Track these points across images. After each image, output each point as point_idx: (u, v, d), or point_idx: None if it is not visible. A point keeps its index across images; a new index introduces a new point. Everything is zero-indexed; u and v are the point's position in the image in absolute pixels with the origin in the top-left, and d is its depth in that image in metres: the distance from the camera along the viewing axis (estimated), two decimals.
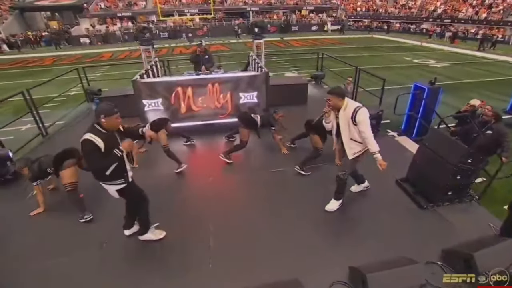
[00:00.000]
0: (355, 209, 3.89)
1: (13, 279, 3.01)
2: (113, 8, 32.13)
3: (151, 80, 5.86)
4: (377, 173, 4.28)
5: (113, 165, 2.78)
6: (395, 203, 3.94)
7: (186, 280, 2.98)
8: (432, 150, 3.82)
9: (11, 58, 23.91)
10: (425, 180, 3.88)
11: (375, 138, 3.31)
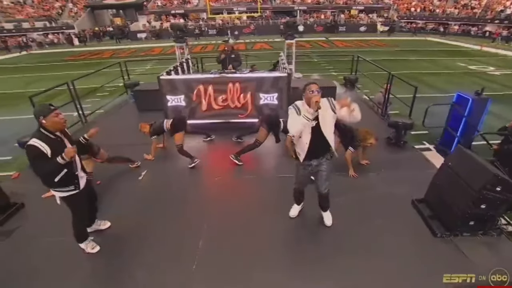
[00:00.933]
0: (361, 226, 3.49)
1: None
2: (168, 6, 33.54)
3: (174, 77, 5.90)
4: (392, 190, 3.82)
5: (62, 171, 2.59)
6: (406, 225, 3.46)
7: (166, 277, 2.91)
8: (454, 172, 3.28)
9: (79, 51, 26.15)
10: (444, 204, 3.34)
11: (399, 152, 2.97)
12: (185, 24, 9.63)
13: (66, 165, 2.59)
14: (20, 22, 31.99)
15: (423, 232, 3.34)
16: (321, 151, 3.02)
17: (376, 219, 3.58)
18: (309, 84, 2.82)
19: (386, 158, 4.91)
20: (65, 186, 2.74)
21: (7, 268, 3.07)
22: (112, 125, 6.63)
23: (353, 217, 3.63)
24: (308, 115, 2.74)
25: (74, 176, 2.77)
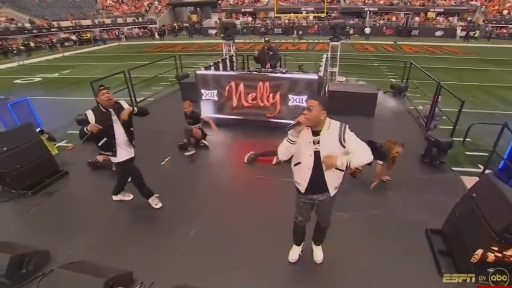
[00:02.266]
0: (361, 248, 3.13)
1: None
2: (239, 4, 34.39)
3: (208, 73, 5.99)
4: (408, 215, 3.45)
5: (101, 139, 3.21)
6: (411, 257, 2.98)
7: (148, 260, 3.03)
8: (477, 205, 2.70)
9: (156, 43, 28.54)
10: (460, 240, 2.79)
11: (431, 172, 2.56)
12: (232, 21, 9.43)
13: (107, 136, 3.22)
14: (116, 18, 36.07)
15: (428, 268, 2.84)
16: (323, 185, 2.42)
17: (380, 244, 3.17)
18: (310, 99, 2.37)
19: (412, 177, 4.32)
20: (104, 151, 3.39)
21: (45, 218, 3.81)
22: (156, 112, 7.05)
23: (355, 237, 3.28)
24: (292, 138, 2.21)
25: (112, 145, 3.30)
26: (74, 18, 33.41)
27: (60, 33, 30.98)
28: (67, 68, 18.49)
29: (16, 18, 29.81)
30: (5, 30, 27.25)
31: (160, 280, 2.78)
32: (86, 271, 2.57)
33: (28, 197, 4.17)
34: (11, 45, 24.21)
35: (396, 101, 7.44)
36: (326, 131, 2.26)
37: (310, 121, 2.17)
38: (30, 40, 27.26)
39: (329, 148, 2.26)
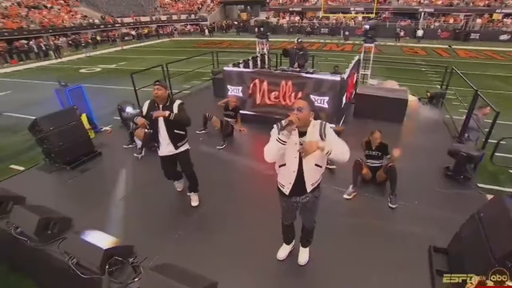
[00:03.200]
0: (352, 256, 3.02)
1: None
2: (288, 3, 34.12)
3: (234, 69, 6.13)
4: (414, 229, 3.30)
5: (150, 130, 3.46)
6: (404, 273, 2.79)
7: (147, 237, 3.30)
8: (482, 226, 2.46)
9: (205, 40, 29.63)
10: (460, 263, 2.56)
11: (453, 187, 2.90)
12: (267, 21, 9.31)
13: (152, 128, 3.36)
14: (172, 15, 38.07)
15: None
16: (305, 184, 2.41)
17: (375, 254, 3.03)
18: (298, 99, 2.36)
19: (429, 190, 4.00)
20: (153, 141, 3.73)
21: (76, 190, 4.35)
22: (189, 104, 7.40)
23: (350, 244, 3.18)
24: (283, 138, 2.15)
25: (156, 138, 3.42)
26: (135, 15, 36.00)
27: (122, 28, 33.59)
28: (124, 60, 20.07)
29: (89, 15, 32.96)
30: (79, 25, 30.31)
31: (155, 258, 2.99)
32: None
33: (66, 171, 4.71)
34: (82, 38, 26.89)
35: (431, 108, 6.90)
36: (311, 129, 2.26)
37: (300, 121, 2.16)
38: (98, 35, 30.04)
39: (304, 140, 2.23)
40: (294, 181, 2.37)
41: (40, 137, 4.63)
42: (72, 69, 17.92)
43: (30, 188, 4.23)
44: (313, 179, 2.41)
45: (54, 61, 21.33)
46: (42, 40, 24.25)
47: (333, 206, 3.73)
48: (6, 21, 26.00)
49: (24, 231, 3.28)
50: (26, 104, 10.01)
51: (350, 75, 5.98)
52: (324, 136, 2.24)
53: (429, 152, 5.02)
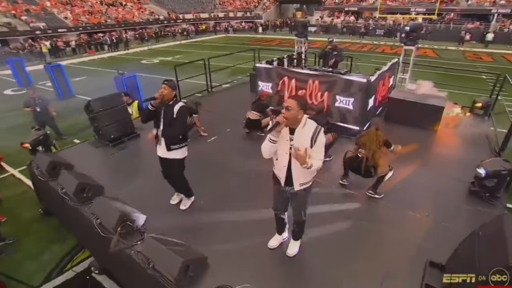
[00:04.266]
0: (339, 257, 3.00)
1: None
2: (344, 2, 32.85)
3: (264, 66, 6.24)
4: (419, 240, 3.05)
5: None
6: (388, 282, 2.69)
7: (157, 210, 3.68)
8: (478, 245, 2.29)
9: (257, 37, 30.05)
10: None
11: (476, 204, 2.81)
12: (305, 21, 9.01)
13: (156, 123, 3.25)
14: (229, 12, 39.24)
15: None
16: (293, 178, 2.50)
17: (365, 258, 2.97)
18: (289, 98, 2.32)
19: (447, 204, 3.71)
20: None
21: (114, 164, 4.94)
22: (224, 97, 7.77)
23: (343, 244, 3.14)
24: (273, 137, 2.28)
25: (157, 135, 3.29)
26: (195, 12, 37.88)
27: (183, 24, 35.63)
28: (180, 53, 21.40)
29: (156, 11, 35.59)
30: (146, 21, 32.96)
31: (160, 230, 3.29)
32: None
33: (109, 147, 5.35)
34: (147, 33, 29.26)
35: (475, 119, 6.24)
36: (300, 130, 2.31)
37: (288, 120, 2.23)
38: (161, 29, 32.36)
39: (300, 144, 2.30)
40: (285, 174, 2.48)
41: (92, 117, 5.32)
42: (135, 60, 19.67)
43: (79, 158, 4.92)
44: (302, 179, 2.47)
45: (122, 52, 23.60)
46: (114, 33, 26.89)
47: (337, 205, 3.72)
48: (89, 17, 29.39)
49: (67, 192, 3.87)
50: (95, 89, 11.33)
51: (382, 78, 5.70)
52: (314, 142, 2.30)
53: (460, 165, 4.60)
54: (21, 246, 4.41)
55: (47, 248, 4.34)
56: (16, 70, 13.37)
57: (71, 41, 24.01)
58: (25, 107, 6.81)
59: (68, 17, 27.74)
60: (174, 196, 3.92)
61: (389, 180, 3.85)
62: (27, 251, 4.32)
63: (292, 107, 2.22)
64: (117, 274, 3.54)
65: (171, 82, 3.18)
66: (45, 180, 4.27)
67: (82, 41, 24.37)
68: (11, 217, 4.97)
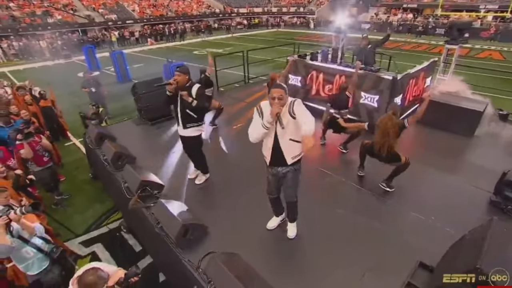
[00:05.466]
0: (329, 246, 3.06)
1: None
2: None
3: (295, 59, 6.25)
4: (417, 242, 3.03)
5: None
6: (369, 275, 2.69)
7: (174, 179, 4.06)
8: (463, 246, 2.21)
9: (307, 33, 29.53)
10: None
11: (507, 220, 2.74)
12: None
13: (174, 106, 3.49)
14: (282, 7, 38.97)
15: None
16: (283, 158, 2.57)
17: (352, 249, 2.98)
18: (273, 88, 2.35)
19: (459, 211, 3.45)
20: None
21: (151, 141, 5.47)
22: (258, 89, 7.96)
23: (336, 235, 3.16)
24: (267, 124, 2.36)
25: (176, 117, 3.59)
26: (250, 6, 38.35)
27: (237, 17, 36.37)
28: (230, 46, 22.05)
29: (212, 5, 36.87)
30: (202, 14, 34.38)
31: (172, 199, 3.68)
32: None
33: (148, 125, 5.95)
34: (202, 25, 30.58)
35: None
36: (285, 109, 2.39)
37: (283, 107, 2.35)
38: (217, 22, 33.52)
39: (287, 126, 2.37)
40: (271, 154, 2.57)
41: (136, 98, 5.94)
42: (188, 50, 20.81)
43: (122, 132, 5.59)
44: (293, 153, 2.55)
45: (178, 43, 25.09)
46: (173, 25, 28.59)
47: (337, 198, 3.75)
48: (153, 9, 31.62)
49: (107, 159, 4.47)
50: (148, 75, 12.36)
51: (414, 77, 5.36)
52: (293, 113, 2.37)
53: (489, 175, 4.15)
54: (73, 202, 5.21)
55: (91, 207, 5.07)
56: (88, 56, 15.14)
57: (135, 32, 26.19)
58: (83, 87, 7.79)
59: (135, 10, 30.19)
60: (192, 171, 4.28)
61: (403, 179, 3.74)
62: (77, 206, 5.10)
63: (283, 96, 2.32)
64: (137, 232, 4.04)
65: (183, 68, 3.39)
66: (93, 148, 4.96)
67: (144, 31, 26.44)
68: (69, 178, 5.87)
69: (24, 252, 2.68)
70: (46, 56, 19.78)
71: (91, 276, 1.96)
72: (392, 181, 3.76)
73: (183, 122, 3.52)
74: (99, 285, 1.97)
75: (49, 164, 4.80)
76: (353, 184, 4.01)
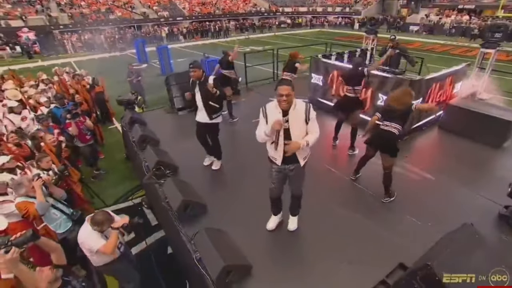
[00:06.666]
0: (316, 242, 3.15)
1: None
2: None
3: (319, 59, 6.23)
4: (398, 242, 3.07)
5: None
6: (343, 266, 2.75)
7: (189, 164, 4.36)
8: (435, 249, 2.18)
9: (349, 33, 28.49)
10: None
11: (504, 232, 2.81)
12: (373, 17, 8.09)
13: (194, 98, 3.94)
14: (327, 7, 38.01)
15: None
16: (294, 156, 2.60)
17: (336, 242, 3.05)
18: (280, 85, 2.36)
19: (463, 220, 3.26)
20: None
21: (176, 127, 5.95)
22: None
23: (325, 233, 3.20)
24: (269, 133, 2.44)
25: (196, 107, 4.01)
26: (295, 6, 38.03)
27: (281, 16, 36.34)
28: (271, 44, 22.20)
29: (258, 4, 37.27)
30: (248, 12, 34.97)
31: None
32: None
33: (175, 114, 6.44)
34: (247, 23, 31.16)
35: None
36: (293, 111, 2.43)
37: (289, 104, 2.39)
38: (261, 21, 33.87)
39: (297, 126, 2.47)
40: (282, 155, 2.58)
41: (167, 88, 6.45)
42: (230, 47, 21.36)
43: (153, 118, 6.15)
44: (304, 153, 2.64)
45: (222, 40, 25.94)
46: (219, 23, 29.55)
47: (331, 194, 3.81)
48: (202, 7, 32.98)
49: (134, 140, 4.99)
50: None
51: (438, 81, 5.04)
52: (308, 120, 2.46)
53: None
54: (108, 177, 5.88)
55: (122, 183, 5.68)
56: (138, 50, 16.43)
57: (183, 28, 27.60)
58: (128, 78, 8.59)
59: (185, 7, 31.76)
60: (206, 158, 4.59)
61: (412, 183, 3.65)
62: (110, 181, 5.75)
63: (290, 93, 2.33)
64: (154, 208, 4.48)
65: (196, 64, 3.72)
66: (126, 131, 5.54)
67: (191, 28, 27.74)
68: (107, 157, 6.60)
69: (52, 214, 3.20)
70: (105, 49, 21.84)
71: (100, 216, 2.55)
72: (389, 190, 3.65)
73: (209, 113, 3.83)
74: (106, 224, 2.55)
75: (91, 142, 5.49)
76: (355, 184, 4.00)
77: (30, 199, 3.01)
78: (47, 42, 21.43)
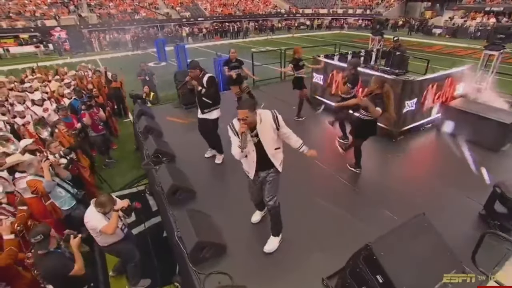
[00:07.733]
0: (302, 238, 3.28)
1: None
2: (487, 1, 26.46)
3: (320, 59, 6.32)
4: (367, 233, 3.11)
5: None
6: (300, 255, 2.89)
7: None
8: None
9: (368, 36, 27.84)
10: None
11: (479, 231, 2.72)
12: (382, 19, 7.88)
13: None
14: (348, 9, 37.44)
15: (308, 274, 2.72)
16: (269, 164, 2.65)
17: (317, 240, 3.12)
18: (238, 109, 2.37)
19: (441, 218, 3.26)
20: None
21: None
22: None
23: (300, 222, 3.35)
24: (243, 145, 2.39)
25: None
26: (315, 7, 37.76)
27: (301, 18, 36.22)
28: (287, 45, 22.21)
29: (279, 5, 37.37)
30: (268, 14, 35.17)
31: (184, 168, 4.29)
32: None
33: (183, 109, 6.74)
34: (266, 24, 31.39)
35: None
36: (260, 125, 2.47)
37: (249, 126, 2.40)
38: (280, 22, 33.97)
39: (267, 137, 2.51)
40: (255, 168, 2.65)
41: (176, 84, 6.79)
42: (247, 48, 21.71)
43: (161, 112, 6.51)
44: (280, 159, 2.69)
45: (240, 40, 26.31)
46: (238, 23, 29.97)
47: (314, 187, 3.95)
48: (223, 8, 33.55)
49: (141, 129, 5.34)
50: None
51: (435, 82, 4.99)
52: (278, 126, 2.52)
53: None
54: (118, 166, 6.29)
55: (130, 172, 6.06)
56: (158, 49, 17.08)
57: (203, 28, 28.25)
58: (138, 76, 9.02)
59: (207, 8, 32.46)
60: (208, 151, 4.84)
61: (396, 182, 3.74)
62: (119, 169, 6.16)
63: (248, 115, 2.33)
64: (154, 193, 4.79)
65: (193, 64, 4.01)
66: (134, 123, 5.92)
67: (212, 28, 28.35)
68: (119, 147, 7.04)
69: (58, 192, 3.57)
70: (128, 47, 22.84)
71: (103, 198, 2.84)
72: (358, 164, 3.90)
73: (201, 108, 4.12)
74: (108, 205, 2.83)
75: (103, 132, 5.91)
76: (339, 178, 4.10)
77: (39, 177, 3.39)
78: (76, 40, 22.73)
